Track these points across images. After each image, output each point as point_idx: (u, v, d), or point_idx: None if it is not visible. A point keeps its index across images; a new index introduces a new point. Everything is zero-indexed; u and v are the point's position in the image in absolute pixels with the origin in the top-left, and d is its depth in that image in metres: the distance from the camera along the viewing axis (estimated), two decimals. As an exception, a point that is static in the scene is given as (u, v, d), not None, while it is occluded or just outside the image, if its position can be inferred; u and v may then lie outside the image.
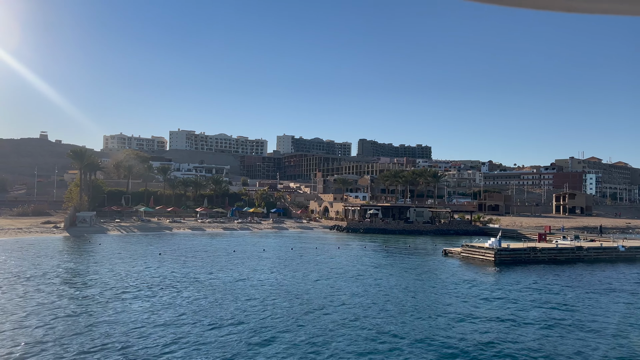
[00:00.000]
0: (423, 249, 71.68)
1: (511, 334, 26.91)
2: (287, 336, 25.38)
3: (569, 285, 42.82)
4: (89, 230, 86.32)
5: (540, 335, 27.04)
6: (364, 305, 33.08)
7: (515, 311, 32.31)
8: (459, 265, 54.63)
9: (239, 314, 29.59)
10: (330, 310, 31.16)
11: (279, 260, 55.14)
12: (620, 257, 63.42)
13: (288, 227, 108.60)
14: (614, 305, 35.51)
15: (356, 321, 28.67)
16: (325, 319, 28.94)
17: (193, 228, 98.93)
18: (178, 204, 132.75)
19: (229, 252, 61.30)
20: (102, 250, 61.14)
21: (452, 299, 35.66)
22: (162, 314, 29.35)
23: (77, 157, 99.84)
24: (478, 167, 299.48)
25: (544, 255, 59.49)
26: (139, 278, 41.45)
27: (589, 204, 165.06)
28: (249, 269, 47.18)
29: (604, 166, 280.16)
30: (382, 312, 31.22)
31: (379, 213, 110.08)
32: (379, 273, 47.01)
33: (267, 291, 36.95)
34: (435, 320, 29.26)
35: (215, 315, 29.10)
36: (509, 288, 40.56)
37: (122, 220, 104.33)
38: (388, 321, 28.77)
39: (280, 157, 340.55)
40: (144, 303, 32.07)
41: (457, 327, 27.94)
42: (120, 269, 46.11)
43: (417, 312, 31.24)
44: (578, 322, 29.93)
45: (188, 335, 25.13)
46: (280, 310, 30.83)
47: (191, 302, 32.74)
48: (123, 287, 37.39)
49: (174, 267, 47.91)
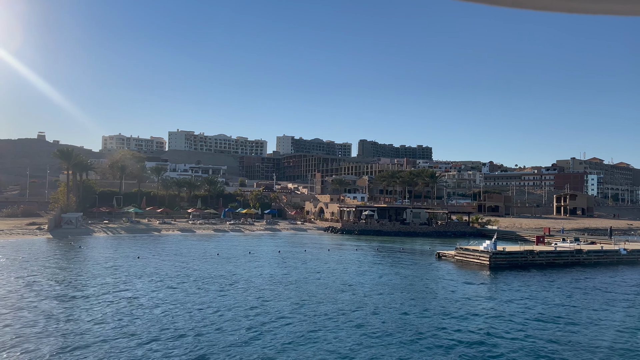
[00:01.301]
0: (417, 252, 69.01)
1: (499, 351, 24.28)
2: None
3: (566, 294, 40.05)
4: (74, 232, 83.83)
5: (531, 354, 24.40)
6: (335, 324, 30.34)
7: (505, 326, 29.63)
8: (452, 270, 51.95)
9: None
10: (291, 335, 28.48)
11: (259, 266, 52.45)
12: (622, 260, 60.68)
13: (281, 229, 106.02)
14: (611, 320, 32.73)
15: (328, 344, 26.01)
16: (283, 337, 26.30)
17: (182, 230, 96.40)
18: (172, 204, 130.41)
19: (213, 255, 58.69)
20: (78, 253, 58.55)
21: (438, 316, 32.51)
22: (104, 325, 26.77)
23: (63, 156, 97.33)
24: (479, 167, 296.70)
25: (541, 259, 56.78)
26: (99, 285, 38.86)
27: (590, 205, 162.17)
28: (220, 279, 43.21)
29: (606, 167, 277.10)
30: (360, 333, 28.51)
31: (374, 214, 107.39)
32: (365, 281, 44.04)
33: (226, 311, 34.29)
34: (417, 343, 26.18)
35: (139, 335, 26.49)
36: (502, 298, 37.76)
37: (111, 221, 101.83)
38: (366, 344, 25.93)
39: (279, 158, 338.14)
40: (84, 314, 29.40)
41: (441, 349, 25.26)
42: (87, 274, 43.58)
43: (400, 331, 28.38)
44: (574, 340, 27.25)
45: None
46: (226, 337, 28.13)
47: (138, 315, 30.05)
48: (78, 296, 34.76)
49: (145, 272, 45.32)
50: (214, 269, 47.17)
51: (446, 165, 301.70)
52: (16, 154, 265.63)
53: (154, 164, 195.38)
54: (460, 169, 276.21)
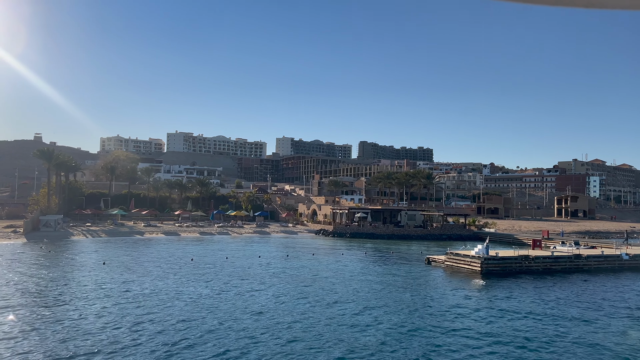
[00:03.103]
0: (406, 257, 65.19)
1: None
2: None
3: (562, 306, 36.26)
4: (51, 235, 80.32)
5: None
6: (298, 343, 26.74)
7: (491, 348, 25.99)
8: (440, 277, 48.24)
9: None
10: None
11: (232, 273, 48.84)
12: (623, 266, 56.82)
13: (271, 232, 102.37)
14: (612, 335, 29.06)
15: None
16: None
17: (167, 233, 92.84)
18: (163, 206, 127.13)
19: (186, 261, 55.02)
20: (40, 259, 54.84)
21: (414, 333, 29.02)
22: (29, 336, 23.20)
23: (44, 156, 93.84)
24: (480, 169, 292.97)
25: (537, 265, 53.00)
26: (44, 294, 35.32)
27: (591, 207, 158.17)
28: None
29: (608, 168, 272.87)
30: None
31: (367, 216, 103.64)
32: (342, 291, 40.30)
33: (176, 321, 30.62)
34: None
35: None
36: (492, 312, 33.95)
37: (94, 224, 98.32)
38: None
39: (278, 160, 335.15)
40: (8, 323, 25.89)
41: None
42: (41, 281, 40.04)
43: (368, 351, 24.80)
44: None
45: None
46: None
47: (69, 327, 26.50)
48: (18, 304, 31.24)
49: (96, 281, 41.78)
50: (163, 282, 41.08)
51: (447, 166, 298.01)
52: (12, 155, 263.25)
53: (148, 165, 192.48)
54: (460, 171, 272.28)
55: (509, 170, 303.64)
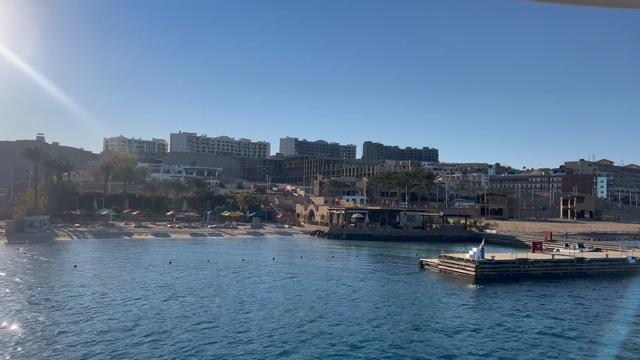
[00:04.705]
0: (400, 260, 61.90)
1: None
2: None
3: (559, 316, 32.99)
4: (35, 236, 77.68)
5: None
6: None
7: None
8: (432, 283, 44.98)
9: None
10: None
11: (202, 279, 45.87)
12: (629, 270, 53.33)
13: (265, 233, 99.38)
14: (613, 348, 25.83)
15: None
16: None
17: (157, 234, 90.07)
18: (159, 207, 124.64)
19: (164, 264, 52.09)
20: (15, 260, 52.19)
21: (397, 348, 25.97)
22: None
23: (31, 155, 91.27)
24: (485, 170, 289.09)
25: (536, 269, 49.63)
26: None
27: (598, 207, 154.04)
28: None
29: (616, 169, 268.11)
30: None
31: (365, 217, 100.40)
32: (317, 300, 37.42)
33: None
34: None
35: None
36: (483, 323, 30.79)
37: (84, 224, 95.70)
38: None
39: (281, 160, 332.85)
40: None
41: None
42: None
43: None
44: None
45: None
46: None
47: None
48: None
49: (63, 284, 38.95)
50: (120, 290, 37.67)
51: (452, 167, 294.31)
52: (14, 155, 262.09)
53: (147, 164, 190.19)
54: (465, 171, 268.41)
55: (515, 170, 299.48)
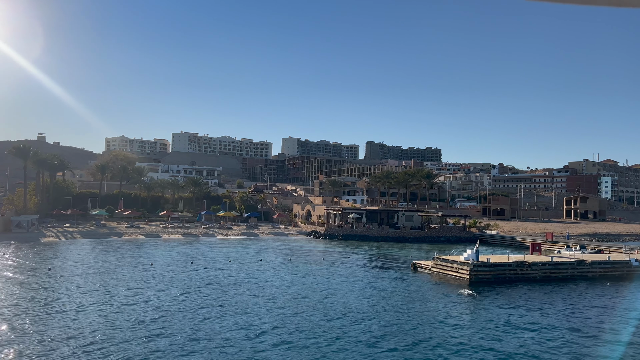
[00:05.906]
0: (394, 262, 59.60)
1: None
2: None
3: (558, 326, 30.60)
4: (22, 236, 75.86)
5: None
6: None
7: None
8: (424, 287, 42.66)
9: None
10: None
11: (178, 283, 43.74)
12: (633, 273, 50.81)
13: (260, 233, 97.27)
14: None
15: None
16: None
17: (148, 234, 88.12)
18: (155, 207, 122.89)
19: (146, 266, 50.00)
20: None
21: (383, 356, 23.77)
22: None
23: (20, 153, 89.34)
24: (488, 170, 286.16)
25: (534, 272, 47.22)
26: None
27: (602, 208, 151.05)
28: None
29: (621, 169, 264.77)
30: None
31: (362, 217, 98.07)
32: (302, 305, 35.19)
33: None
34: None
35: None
36: (474, 334, 28.54)
37: (74, 225, 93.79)
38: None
39: (283, 160, 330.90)
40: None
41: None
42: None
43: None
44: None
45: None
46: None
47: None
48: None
49: (31, 286, 36.91)
50: (88, 294, 35.68)
51: (455, 167, 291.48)
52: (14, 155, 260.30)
53: (145, 164, 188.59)
54: (468, 171, 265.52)
55: (519, 170, 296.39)
